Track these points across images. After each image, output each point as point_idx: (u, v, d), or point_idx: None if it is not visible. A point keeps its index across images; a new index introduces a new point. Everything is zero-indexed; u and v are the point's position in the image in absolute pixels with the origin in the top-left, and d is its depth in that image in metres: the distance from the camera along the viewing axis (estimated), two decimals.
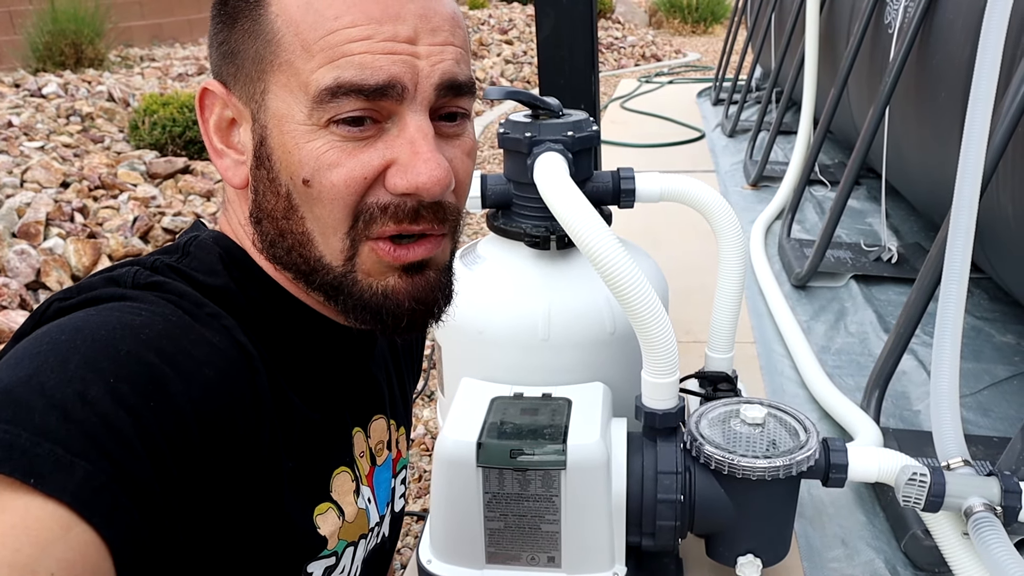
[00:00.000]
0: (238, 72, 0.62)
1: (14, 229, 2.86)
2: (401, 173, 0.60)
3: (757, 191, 3.38)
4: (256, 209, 0.64)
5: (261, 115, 0.61)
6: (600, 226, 1.02)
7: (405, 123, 0.60)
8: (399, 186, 0.60)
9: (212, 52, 0.65)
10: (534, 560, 1.12)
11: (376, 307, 0.63)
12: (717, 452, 1.05)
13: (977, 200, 1.13)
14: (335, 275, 0.63)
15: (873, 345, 1.93)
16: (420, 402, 2.08)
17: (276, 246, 0.64)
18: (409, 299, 0.64)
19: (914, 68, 1.97)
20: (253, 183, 0.64)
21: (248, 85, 0.61)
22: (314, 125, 0.59)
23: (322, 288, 0.64)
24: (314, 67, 0.58)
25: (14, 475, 0.44)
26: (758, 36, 4.63)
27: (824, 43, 3.04)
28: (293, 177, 0.60)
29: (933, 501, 1.00)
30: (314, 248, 0.62)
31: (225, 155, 0.65)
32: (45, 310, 0.57)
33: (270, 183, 0.62)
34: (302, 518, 0.66)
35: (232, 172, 0.64)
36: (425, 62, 0.60)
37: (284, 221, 0.62)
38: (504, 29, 8.58)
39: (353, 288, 0.63)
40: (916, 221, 2.68)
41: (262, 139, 0.61)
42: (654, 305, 1.01)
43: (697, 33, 11.76)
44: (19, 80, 5.06)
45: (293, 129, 0.59)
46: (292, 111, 0.59)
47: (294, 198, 0.61)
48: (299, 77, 0.58)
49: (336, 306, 0.65)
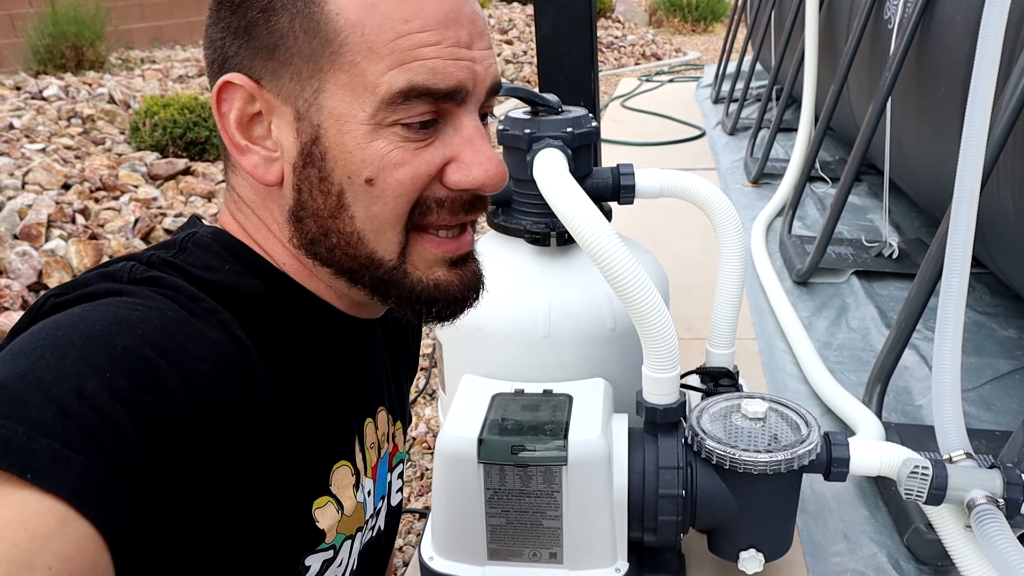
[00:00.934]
0: (280, 68, 0.60)
1: (16, 231, 2.86)
2: (464, 170, 0.63)
3: (758, 188, 3.38)
4: (298, 208, 0.64)
5: (313, 114, 0.61)
6: (599, 222, 1.02)
7: (461, 123, 0.63)
8: (462, 182, 0.63)
9: (229, 46, 0.62)
10: (536, 556, 1.12)
11: (430, 299, 0.66)
12: (718, 447, 1.05)
13: (977, 194, 1.13)
14: (386, 270, 0.64)
15: (875, 341, 1.93)
16: (422, 400, 2.08)
17: (317, 244, 0.64)
18: (462, 289, 0.68)
19: (914, 63, 1.97)
20: (296, 182, 0.63)
21: (295, 82, 0.60)
22: (376, 125, 0.60)
23: (371, 284, 0.65)
24: (384, 69, 0.59)
25: (11, 470, 0.44)
26: (758, 34, 4.63)
27: (824, 40, 3.03)
28: (352, 176, 0.61)
29: (935, 494, 1.00)
30: (364, 246, 0.63)
31: (251, 151, 0.63)
32: (41, 306, 0.57)
33: (319, 182, 0.62)
34: (300, 511, 0.66)
35: (264, 169, 0.63)
36: (480, 66, 0.62)
37: (331, 220, 0.63)
38: (504, 29, 8.59)
39: (404, 281, 0.65)
40: (917, 217, 2.68)
41: (314, 138, 0.61)
42: (654, 300, 1.01)
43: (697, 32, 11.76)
44: (20, 83, 5.06)
45: (354, 129, 0.60)
46: (353, 111, 0.60)
47: (346, 197, 0.62)
48: (365, 78, 0.59)
49: (384, 301, 0.67)
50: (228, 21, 0.62)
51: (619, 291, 1.01)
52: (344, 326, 0.71)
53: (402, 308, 0.67)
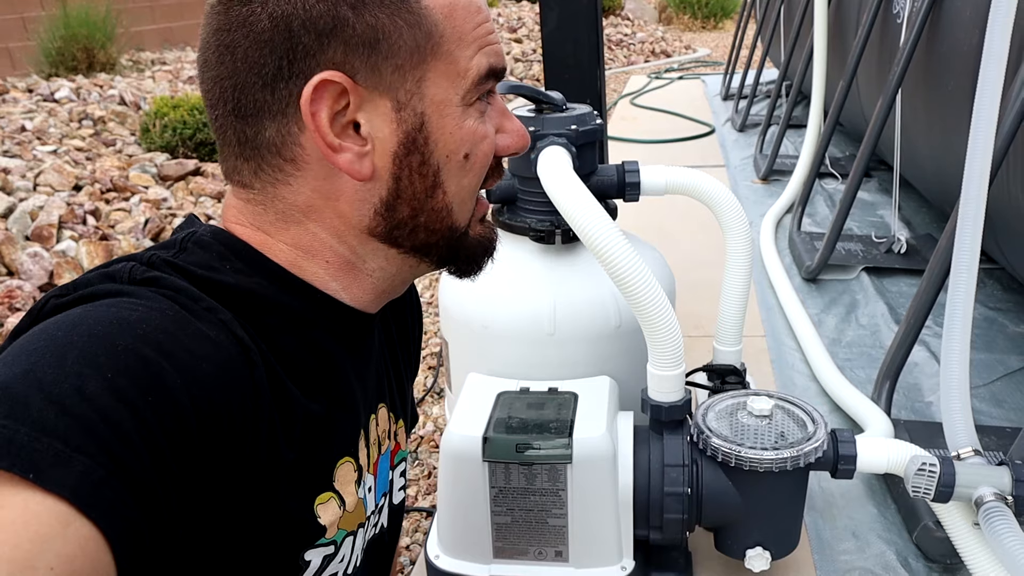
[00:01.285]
0: (381, 61, 0.62)
1: (27, 232, 2.88)
2: (509, 137, 0.73)
3: (767, 185, 3.36)
4: (393, 196, 0.67)
5: (416, 103, 0.65)
6: (603, 219, 1.02)
7: (495, 99, 0.73)
8: (510, 147, 0.73)
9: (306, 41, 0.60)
10: (541, 554, 1.12)
11: (482, 252, 0.76)
12: (724, 444, 1.05)
13: (986, 188, 1.12)
14: (459, 235, 0.72)
15: (884, 337, 1.92)
16: (430, 399, 2.08)
17: (403, 227, 0.69)
18: (493, 238, 0.78)
19: (923, 57, 1.95)
20: (394, 171, 0.66)
21: (397, 74, 0.63)
22: (466, 106, 0.67)
23: (444, 250, 0.73)
24: (471, 55, 0.66)
25: (13, 470, 0.44)
26: (767, 30, 4.60)
27: (833, 35, 3.02)
28: (451, 155, 0.67)
29: (943, 491, 0.99)
30: (450, 217, 0.70)
31: (346, 149, 0.63)
32: (42, 307, 0.57)
33: (420, 167, 0.66)
34: (300, 507, 0.66)
35: (359, 165, 0.64)
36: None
37: (426, 200, 0.68)
38: (513, 28, 8.58)
39: (465, 242, 0.73)
40: (928, 212, 2.66)
41: (419, 125, 0.65)
42: (658, 297, 1.00)
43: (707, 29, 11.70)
44: (32, 85, 5.10)
45: (452, 111, 0.66)
46: (450, 95, 0.66)
47: (442, 175, 0.68)
48: (457, 64, 0.66)
49: (448, 265, 0.75)
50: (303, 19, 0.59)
51: (623, 288, 1.01)
52: (348, 319, 0.71)
53: (465, 264, 0.75)
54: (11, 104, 4.57)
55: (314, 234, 0.67)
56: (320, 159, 0.63)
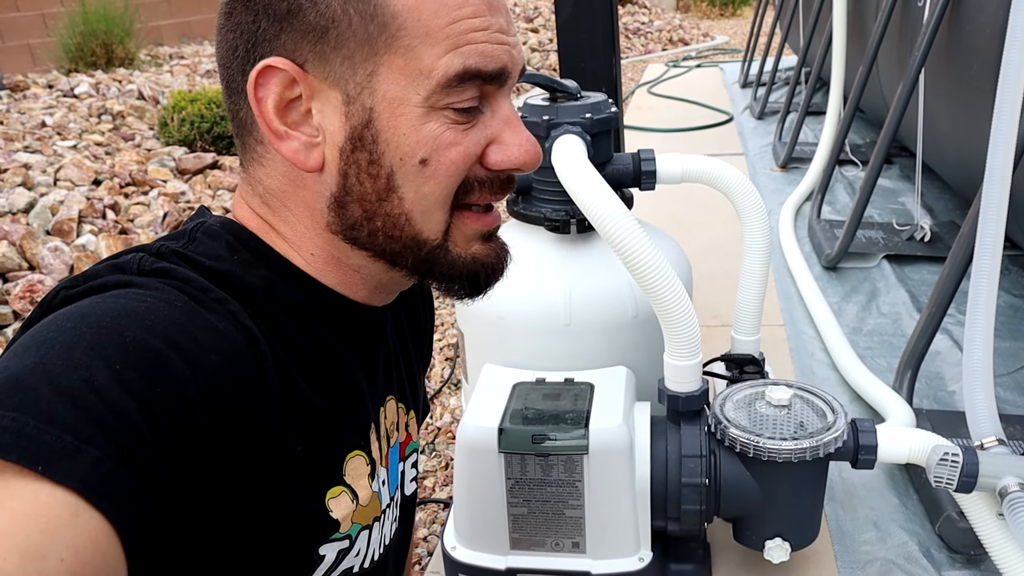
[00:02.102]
0: (330, 51, 0.60)
1: (48, 227, 2.91)
2: (504, 151, 0.66)
3: (787, 173, 3.33)
4: (342, 193, 0.64)
5: (365, 97, 0.61)
6: (618, 207, 1.01)
7: (499, 105, 0.66)
8: (504, 163, 0.66)
9: (265, 31, 0.61)
10: (558, 546, 1.11)
11: (472, 273, 0.69)
12: (742, 435, 1.03)
13: (1010, 172, 1.10)
14: (430, 249, 0.66)
15: (906, 326, 1.89)
16: (447, 390, 2.08)
17: (359, 228, 0.65)
18: (495, 262, 0.71)
19: (945, 39, 1.92)
20: (342, 166, 0.63)
21: (346, 66, 0.60)
22: (429, 108, 0.61)
23: (413, 265, 0.67)
24: (439, 53, 0.60)
25: (22, 462, 0.44)
26: (786, 16, 4.55)
27: (852, 19, 2.97)
28: (405, 158, 0.62)
29: (966, 481, 0.98)
30: (411, 227, 0.65)
31: (290, 137, 0.62)
32: (52, 299, 0.57)
33: (368, 165, 0.62)
34: (312, 502, 0.66)
35: (304, 155, 0.63)
36: (516, 51, 0.65)
37: (378, 203, 0.64)
38: (530, 17, 8.54)
39: (446, 259, 0.67)
40: (950, 199, 2.62)
41: (366, 122, 0.61)
42: (674, 286, 0.99)
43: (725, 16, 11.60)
44: (52, 81, 5.13)
45: (409, 112, 0.61)
46: (407, 94, 0.61)
47: (396, 179, 0.63)
48: (420, 61, 0.60)
49: (426, 279, 0.69)
50: (265, 4, 0.61)
51: (638, 278, 1.00)
52: (354, 315, 0.70)
53: (444, 283, 0.69)
54: (32, 100, 4.61)
55: (293, 225, 0.67)
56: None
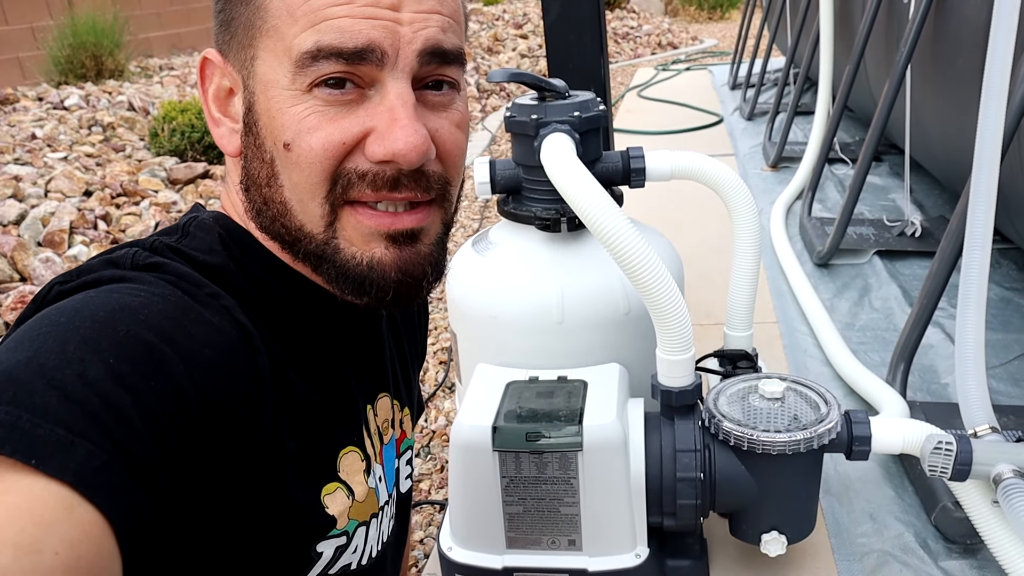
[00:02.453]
0: (231, 40, 0.62)
1: (39, 238, 2.90)
2: (379, 140, 0.60)
3: (777, 172, 3.34)
4: (245, 177, 0.64)
5: (250, 81, 0.61)
6: (607, 202, 1.01)
7: (387, 90, 0.61)
8: (377, 153, 0.60)
9: (213, 23, 0.65)
10: (555, 544, 1.11)
11: (360, 277, 0.63)
12: (736, 428, 1.04)
13: (998, 164, 1.10)
14: (317, 243, 0.63)
15: (899, 320, 1.90)
16: (441, 394, 2.08)
17: (262, 215, 0.64)
18: (396, 271, 0.64)
19: (931, 35, 1.93)
20: (244, 150, 0.64)
21: (240, 52, 0.62)
22: (297, 90, 0.59)
23: (307, 258, 0.64)
24: (297, 31, 0.58)
25: (15, 456, 0.44)
26: (773, 17, 4.57)
27: (839, 18, 2.99)
28: (275, 141, 0.61)
29: (960, 470, 0.98)
30: (293, 217, 0.63)
31: (222, 123, 0.65)
32: (46, 294, 0.57)
33: (256, 149, 0.62)
34: (308, 498, 0.66)
35: (227, 140, 0.65)
36: (408, 28, 0.59)
37: (267, 188, 0.63)
38: (519, 24, 8.56)
39: (336, 256, 0.63)
40: (940, 195, 2.63)
41: (250, 105, 0.62)
42: (665, 281, 0.99)
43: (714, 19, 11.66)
44: (42, 93, 5.13)
45: (278, 94, 0.60)
46: (277, 76, 0.60)
47: (276, 164, 0.61)
48: (283, 42, 0.59)
49: (322, 276, 0.65)
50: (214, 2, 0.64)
51: (628, 272, 1.00)
52: (339, 311, 0.70)
53: (335, 284, 0.65)
54: (22, 112, 4.60)
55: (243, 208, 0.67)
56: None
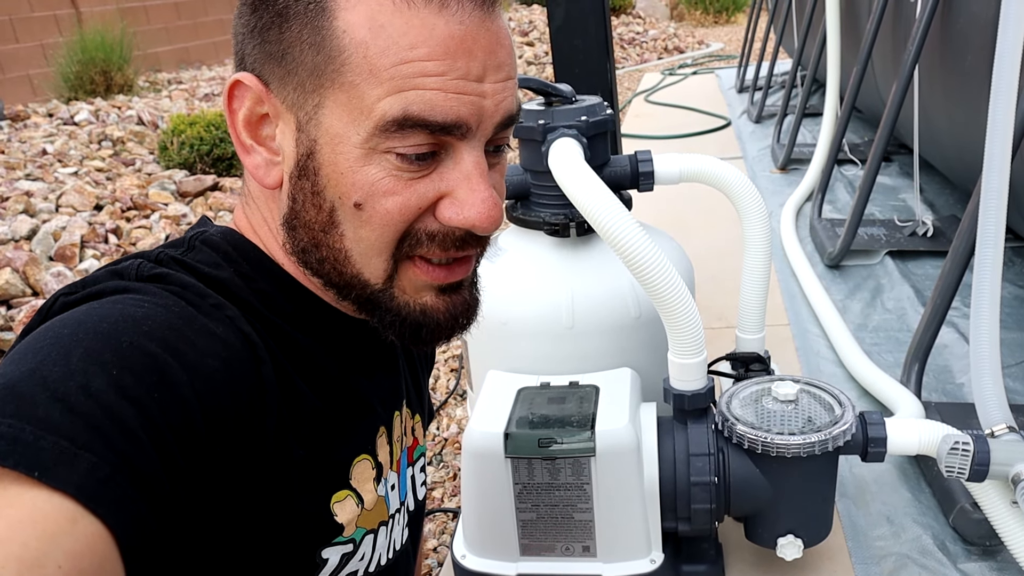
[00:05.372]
0: (287, 76, 0.59)
1: (51, 252, 2.92)
2: (456, 208, 0.61)
3: (786, 174, 3.33)
4: (292, 216, 0.63)
5: (311, 128, 0.59)
6: (616, 207, 1.00)
7: (461, 156, 0.60)
8: (453, 220, 0.61)
9: (246, 43, 0.61)
10: (569, 550, 1.10)
11: (415, 323, 0.65)
12: (750, 431, 1.03)
13: (1009, 160, 1.09)
14: (372, 291, 0.64)
15: (912, 320, 1.88)
16: (453, 401, 2.07)
17: (308, 254, 0.64)
18: (447, 316, 0.66)
19: (939, 34, 1.92)
20: (291, 191, 0.62)
21: (298, 93, 0.59)
22: (370, 150, 0.58)
23: (357, 301, 0.65)
24: (381, 94, 0.56)
25: (19, 469, 0.44)
26: (779, 19, 4.56)
27: (846, 19, 2.98)
28: (342, 197, 0.60)
29: (978, 470, 0.97)
30: (351, 265, 0.63)
31: (255, 152, 0.63)
32: (51, 305, 0.57)
33: (312, 196, 0.61)
34: (315, 505, 0.65)
35: (264, 171, 0.63)
36: (490, 101, 0.59)
37: (322, 234, 0.62)
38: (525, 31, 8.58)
39: (391, 304, 0.64)
40: (951, 194, 2.62)
41: (310, 152, 0.60)
42: (676, 284, 0.99)
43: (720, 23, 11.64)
44: (52, 110, 5.16)
45: (348, 151, 0.58)
46: (348, 132, 0.58)
47: (338, 216, 0.61)
48: (363, 101, 0.57)
49: (371, 319, 0.66)
50: (248, 18, 0.61)
51: (639, 277, 0.99)
52: (349, 327, 0.70)
53: (386, 329, 0.66)
54: (32, 129, 4.63)
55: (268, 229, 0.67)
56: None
